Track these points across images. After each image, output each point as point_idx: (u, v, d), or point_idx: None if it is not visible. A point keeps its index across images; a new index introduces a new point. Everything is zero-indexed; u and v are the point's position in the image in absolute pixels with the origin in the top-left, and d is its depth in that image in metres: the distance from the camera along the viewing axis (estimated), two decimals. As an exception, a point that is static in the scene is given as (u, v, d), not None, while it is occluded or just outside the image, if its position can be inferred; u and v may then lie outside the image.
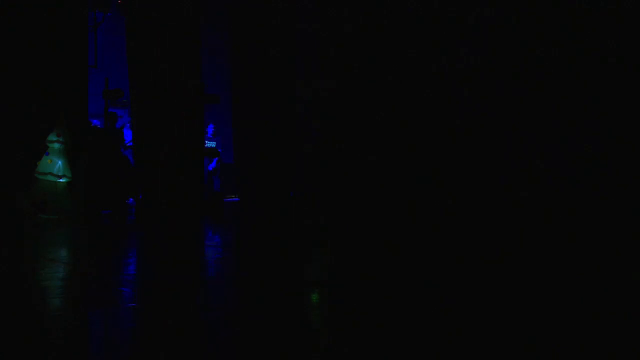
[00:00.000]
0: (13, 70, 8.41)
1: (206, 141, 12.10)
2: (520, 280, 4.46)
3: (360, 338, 3.01)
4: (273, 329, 3.20)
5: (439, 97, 9.59)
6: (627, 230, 7.28)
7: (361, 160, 10.15)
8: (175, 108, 9.67)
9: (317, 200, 11.16)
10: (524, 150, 8.90)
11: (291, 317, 3.48)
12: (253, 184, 11.48)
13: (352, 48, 10.40)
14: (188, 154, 9.76)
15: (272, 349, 2.85)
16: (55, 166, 8.82)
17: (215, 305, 3.90)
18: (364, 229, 8.31)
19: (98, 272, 5.04)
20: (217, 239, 7.95)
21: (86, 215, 8.92)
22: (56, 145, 8.85)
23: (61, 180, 8.84)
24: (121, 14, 11.26)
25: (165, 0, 9.70)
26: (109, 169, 9.64)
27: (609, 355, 2.74)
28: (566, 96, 8.57)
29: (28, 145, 8.54)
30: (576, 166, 8.38)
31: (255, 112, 11.46)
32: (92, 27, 10.60)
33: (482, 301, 3.78)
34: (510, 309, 3.56)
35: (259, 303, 3.82)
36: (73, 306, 3.81)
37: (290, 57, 11.62)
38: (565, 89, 8.59)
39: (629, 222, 7.53)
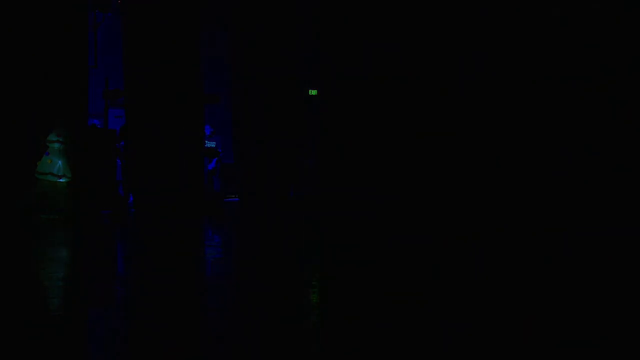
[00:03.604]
0: (13, 70, 8.41)
1: (206, 141, 12.09)
2: (520, 281, 4.46)
3: (360, 338, 3.01)
4: (273, 329, 3.19)
5: (440, 97, 9.58)
6: (627, 230, 7.28)
7: (362, 160, 10.15)
8: (175, 108, 9.67)
9: (317, 200, 11.15)
10: (525, 150, 8.90)
11: (291, 317, 3.48)
12: (253, 184, 11.48)
13: (352, 48, 10.40)
14: (188, 154, 9.75)
15: (272, 349, 2.85)
16: (55, 166, 8.81)
17: (215, 305, 3.90)
18: (364, 229, 8.31)
19: (98, 272, 5.04)
20: (217, 239, 7.95)
21: (86, 215, 8.92)
22: (56, 145, 8.84)
23: (61, 180, 8.84)
24: (121, 14, 11.25)
25: (165, 0, 9.70)
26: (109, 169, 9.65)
27: (609, 355, 2.74)
28: (566, 96, 8.57)
29: (28, 145, 8.54)
30: (576, 166, 8.38)
31: (255, 112, 11.45)
32: (92, 27, 10.60)
33: (482, 301, 3.78)
34: (510, 309, 3.56)
35: (259, 303, 3.81)
36: (73, 306, 3.81)
37: (290, 57, 11.61)
38: (565, 88, 8.59)
39: (629, 222, 7.53)
